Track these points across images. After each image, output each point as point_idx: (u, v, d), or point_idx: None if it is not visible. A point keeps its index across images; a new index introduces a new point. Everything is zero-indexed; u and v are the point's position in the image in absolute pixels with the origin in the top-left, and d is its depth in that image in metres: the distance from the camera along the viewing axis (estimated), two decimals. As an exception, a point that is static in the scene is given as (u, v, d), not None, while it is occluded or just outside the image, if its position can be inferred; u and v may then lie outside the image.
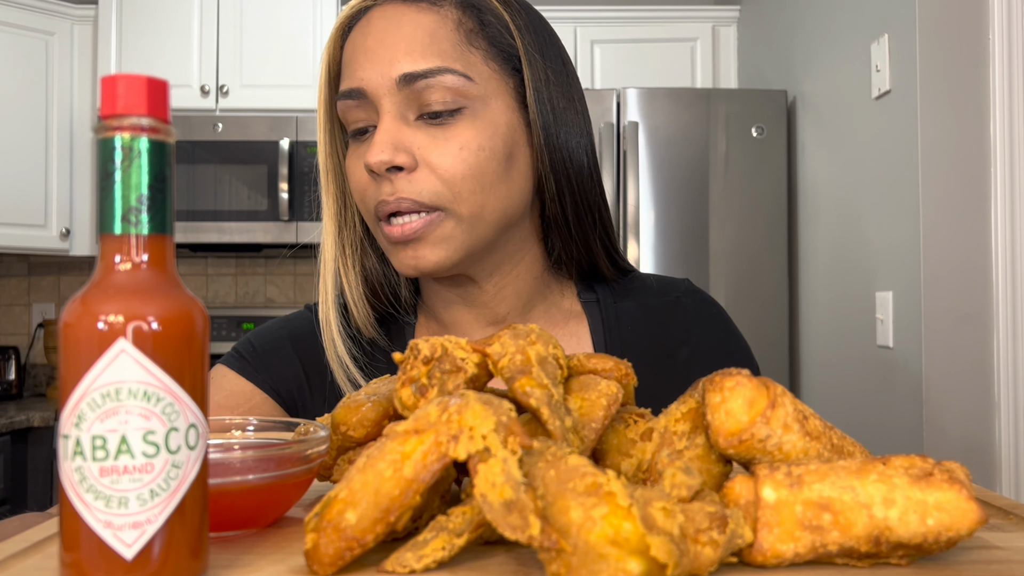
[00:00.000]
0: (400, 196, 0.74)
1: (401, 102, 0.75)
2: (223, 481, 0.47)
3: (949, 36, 1.80)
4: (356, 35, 0.78)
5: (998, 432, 1.74)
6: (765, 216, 2.57)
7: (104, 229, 0.41)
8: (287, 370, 0.85)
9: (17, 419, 2.56)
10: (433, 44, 0.75)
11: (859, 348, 2.12)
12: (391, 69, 0.74)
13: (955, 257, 1.79)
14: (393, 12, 0.76)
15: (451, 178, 0.74)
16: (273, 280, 3.39)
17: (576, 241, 0.83)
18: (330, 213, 0.84)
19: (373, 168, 0.74)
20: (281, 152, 2.89)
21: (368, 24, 0.77)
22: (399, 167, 0.74)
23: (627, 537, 0.37)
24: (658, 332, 0.87)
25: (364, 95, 0.76)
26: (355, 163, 0.78)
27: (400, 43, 0.75)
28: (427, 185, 0.74)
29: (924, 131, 1.81)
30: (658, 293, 0.90)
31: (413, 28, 0.75)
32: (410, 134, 0.75)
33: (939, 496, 0.42)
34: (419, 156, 0.74)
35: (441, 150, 0.74)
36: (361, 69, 0.76)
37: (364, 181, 0.77)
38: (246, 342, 0.87)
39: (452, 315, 0.85)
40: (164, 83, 0.42)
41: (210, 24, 2.97)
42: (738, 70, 3.06)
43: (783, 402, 0.47)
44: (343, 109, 0.78)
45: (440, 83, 0.74)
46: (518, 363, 0.49)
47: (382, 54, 0.75)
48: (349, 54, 0.78)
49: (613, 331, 0.86)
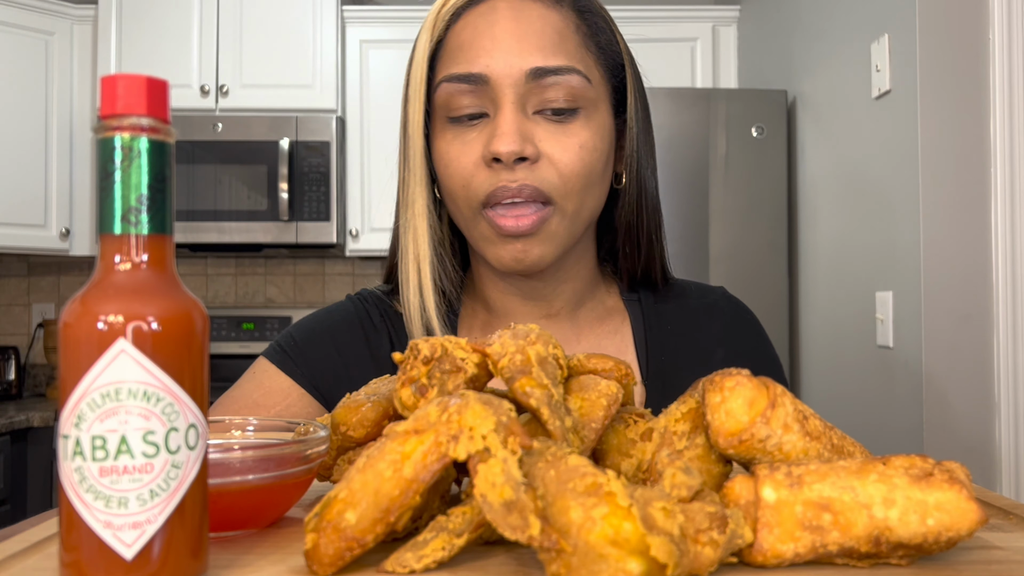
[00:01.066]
0: (524, 183, 0.74)
1: (524, 94, 0.75)
2: (223, 481, 0.47)
3: (949, 36, 1.80)
4: (477, 19, 0.77)
5: (998, 432, 1.74)
6: (765, 216, 2.57)
7: (104, 229, 0.41)
8: (326, 364, 0.85)
9: (17, 419, 2.56)
10: (562, 43, 0.76)
11: (859, 348, 2.12)
12: (521, 61, 0.75)
13: (955, 257, 1.79)
14: (520, 3, 0.77)
15: (569, 173, 0.76)
16: (273, 280, 3.39)
17: (641, 248, 0.86)
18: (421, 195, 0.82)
19: (502, 157, 0.73)
20: (281, 152, 2.89)
21: (493, 11, 0.77)
22: (523, 157, 0.74)
23: (627, 537, 0.37)
24: (696, 333, 0.89)
25: (486, 81, 0.75)
26: (461, 149, 0.77)
27: (532, 36, 0.75)
28: (547, 175, 0.75)
29: (924, 131, 1.81)
30: (697, 296, 0.92)
31: (543, 24, 0.76)
32: (532, 126, 0.76)
33: (939, 496, 0.42)
34: (541, 149, 0.75)
35: (563, 146, 0.76)
36: (487, 55, 0.75)
37: (471, 168, 0.76)
38: (287, 335, 0.87)
39: (506, 305, 0.86)
40: (164, 83, 0.42)
41: (210, 24, 2.97)
42: (738, 70, 3.06)
43: (783, 402, 0.47)
44: (451, 92, 0.77)
45: (566, 82, 0.75)
46: (518, 363, 0.49)
47: (511, 44, 0.75)
48: (468, 38, 0.77)
49: (653, 329, 0.88)
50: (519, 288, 0.85)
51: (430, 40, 0.79)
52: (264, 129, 2.93)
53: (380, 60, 3.04)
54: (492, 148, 0.74)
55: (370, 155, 3.03)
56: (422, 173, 0.81)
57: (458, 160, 0.77)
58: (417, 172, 0.81)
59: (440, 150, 0.79)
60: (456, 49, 0.77)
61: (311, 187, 2.92)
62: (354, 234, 3.02)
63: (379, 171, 3.04)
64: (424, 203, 0.82)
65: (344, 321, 0.88)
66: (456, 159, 0.77)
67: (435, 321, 0.81)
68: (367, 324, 0.88)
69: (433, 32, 0.79)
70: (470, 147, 0.76)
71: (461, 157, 0.77)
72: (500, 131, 0.74)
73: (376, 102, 3.03)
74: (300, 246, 2.97)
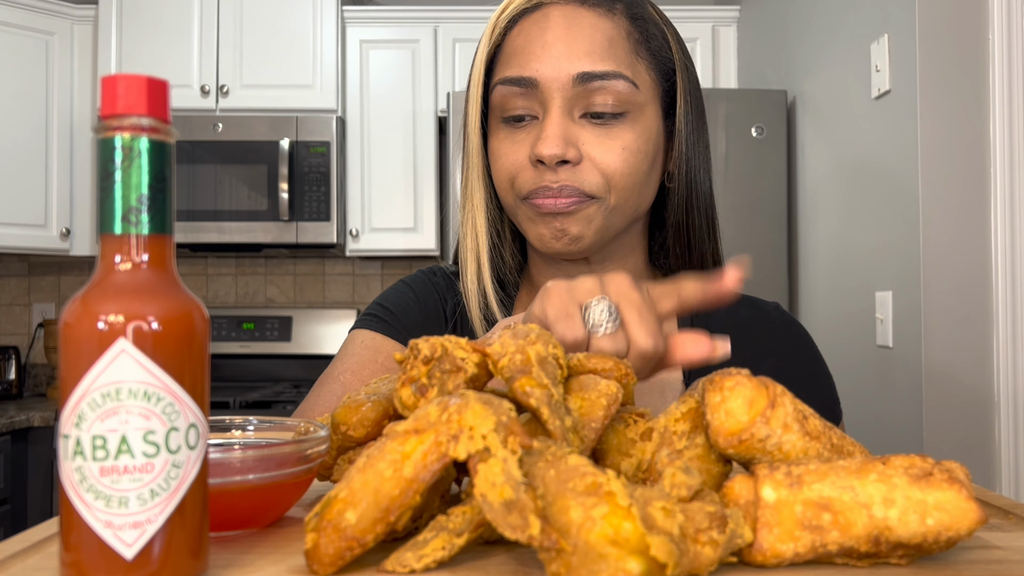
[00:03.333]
0: (565, 183, 0.79)
1: (571, 98, 0.79)
2: (223, 481, 0.47)
3: (949, 36, 1.80)
4: (531, 27, 0.82)
5: (998, 432, 1.74)
6: (765, 216, 2.57)
7: (104, 229, 0.41)
8: (420, 329, 0.89)
9: (17, 419, 2.56)
10: (611, 49, 0.80)
11: (859, 348, 2.12)
12: (569, 66, 0.79)
13: (955, 257, 1.79)
14: (573, 12, 0.81)
15: (612, 174, 0.79)
16: (273, 280, 3.39)
17: (692, 249, 0.88)
18: (479, 189, 0.88)
19: (545, 160, 0.78)
20: (281, 152, 2.89)
21: (546, 19, 0.81)
22: (566, 160, 0.79)
23: (627, 537, 0.37)
24: (745, 340, 0.90)
25: (535, 85, 0.80)
26: (511, 147, 0.82)
27: (581, 42, 0.79)
28: (589, 177, 0.79)
29: (924, 131, 1.81)
30: (749, 307, 0.94)
31: (592, 30, 0.80)
32: (576, 130, 0.80)
33: (939, 496, 0.42)
34: (584, 151, 0.79)
35: (606, 148, 0.79)
36: (537, 60, 0.80)
37: (518, 165, 0.81)
38: (376, 305, 0.92)
39: None
40: (164, 83, 0.42)
41: (210, 24, 2.97)
42: (738, 70, 3.06)
43: (783, 402, 0.47)
44: (505, 94, 0.81)
45: (612, 87, 0.79)
46: (518, 363, 0.49)
47: (561, 50, 0.79)
48: (521, 43, 0.82)
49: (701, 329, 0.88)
50: (568, 276, 0.87)
51: (488, 45, 0.85)
52: (264, 129, 2.93)
53: (380, 60, 3.04)
54: (536, 151, 0.78)
55: (370, 155, 3.03)
56: (480, 169, 0.87)
57: (507, 157, 0.82)
58: (476, 168, 0.87)
59: (493, 147, 0.84)
60: (511, 54, 0.82)
61: (311, 187, 2.92)
62: (354, 234, 3.02)
63: (379, 171, 3.04)
64: (482, 196, 0.87)
65: (424, 291, 0.93)
66: (505, 155, 0.82)
67: (494, 305, 0.87)
68: (443, 294, 0.94)
69: (491, 38, 0.84)
70: (519, 146, 0.81)
71: (510, 155, 0.82)
72: (545, 134, 0.78)
73: (376, 102, 3.03)
74: (300, 246, 2.97)
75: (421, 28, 3.04)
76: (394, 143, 3.04)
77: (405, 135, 3.04)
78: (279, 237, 2.92)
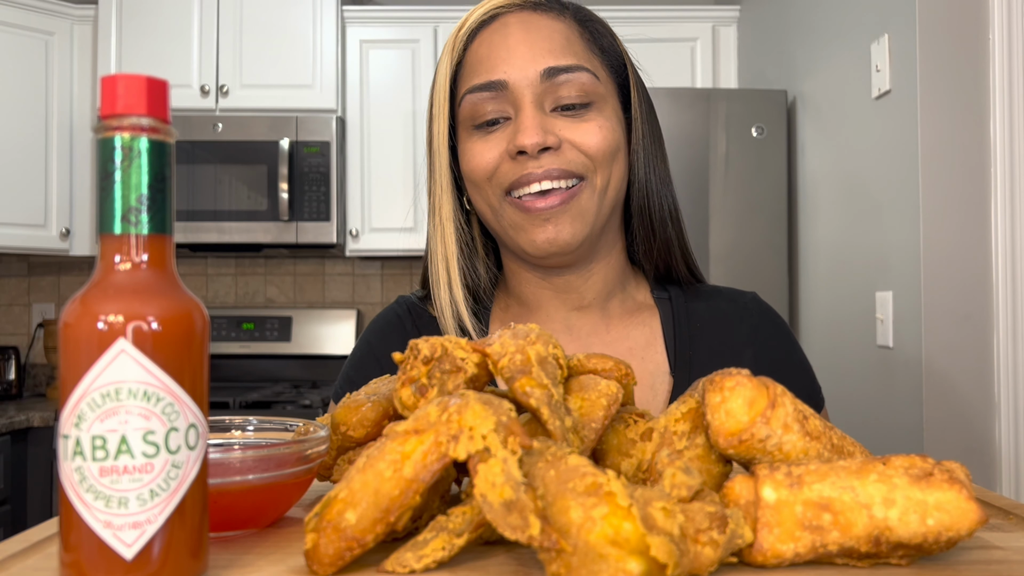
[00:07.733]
0: (549, 167, 0.82)
1: (541, 94, 0.83)
2: (223, 481, 0.47)
3: (949, 36, 1.80)
4: (491, 36, 0.86)
5: (998, 432, 1.74)
6: (765, 216, 2.57)
7: (104, 229, 0.41)
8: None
9: (17, 419, 2.56)
10: (569, 46, 0.85)
11: (859, 348, 2.12)
12: (535, 64, 0.83)
13: (955, 257, 1.79)
14: (528, 17, 0.86)
15: (594, 152, 0.83)
16: (273, 280, 3.39)
17: (657, 236, 0.91)
18: (448, 202, 0.89)
19: (528, 148, 0.81)
20: (281, 152, 2.89)
21: (505, 27, 0.86)
22: (547, 148, 0.82)
23: (627, 537, 0.37)
24: (726, 332, 0.93)
25: (505, 86, 0.83)
26: (485, 148, 0.85)
27: (541, 43, 0.84)
28: (572, 157, 0.83)
29: (924, 131, 1.81)
30: (728, 299, 0.96)
31: (550, 31, 0.85)
32: (551, 121, 0.83)
33: (939, 496, 0.42)
34: (562, 136, 0.83)
35: (582, 130, 0.83)
36: (504, 63, 0.84)
37: (495, 161, 0.84)
38: (344, 375, 0.94)
39: (538, 298, 0.92)
40: (164, 83, 0.42)
41: (210, 24, 2.97)
42: (738, 70, 3.06)
43: (783, 402, 0.47)
44: (475, 101, 0.85)
45: (577, 79, 0.83)
46: (518, 363, 0.49)
47: (525, 51, 0.84)
48: (485, 52, 0.86)
49: (683, 325, 0.92)
50: (550, 282, 0.90)
51: (451, 62, 0.88)
52: (264, 129, 2.93)
53: (380, 60, 3.04)
54: (517, 142, 0.81)
55: (370, 155, 3.03)
56: (447, 181, 0.89)
57: (483, 155, 0.85)
58: (443, 181, 0.89)
59: (466, 153, 0.87)
60: (476, 63, 0.86)
61: (311, 187, 2.92)
62: (354, 234, 3.01)
63: (379, 171, 3.04)
64: (451, 208, 0.89)
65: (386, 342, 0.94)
66: (481, 155, 0.85)
67: (465, 315, 0.88)
68: (403, 331, 0.94)
69: (453, 54, 0.88)
70: (494, 144, 0.84)
71: (486, 154, 0.84)
72: (523, 127, 0.82)
73: (376, 102, 3.03)
74: (300, 246, 2.97)
75: (421, 28, 3.04)
76: (394, 143, 3.04)
77: (405, 135, 3.03)
78: (279, 237, 2.92)
